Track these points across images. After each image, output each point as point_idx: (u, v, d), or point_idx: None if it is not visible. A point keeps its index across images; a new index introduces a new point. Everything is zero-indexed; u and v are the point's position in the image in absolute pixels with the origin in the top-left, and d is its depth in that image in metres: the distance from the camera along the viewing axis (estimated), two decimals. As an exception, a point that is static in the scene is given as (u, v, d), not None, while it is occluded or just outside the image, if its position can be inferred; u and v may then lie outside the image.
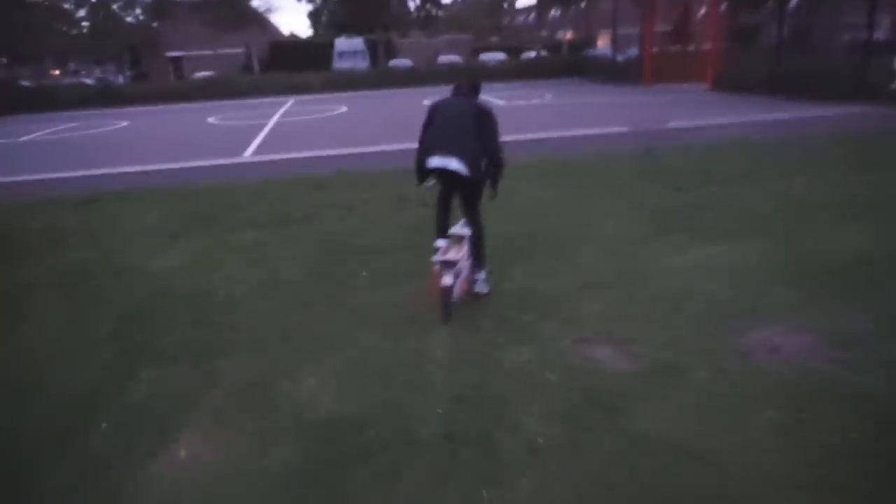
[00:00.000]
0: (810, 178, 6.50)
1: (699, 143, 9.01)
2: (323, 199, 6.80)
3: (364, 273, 4.55)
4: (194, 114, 19.74)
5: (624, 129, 11.02)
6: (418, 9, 44.85)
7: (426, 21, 48.66)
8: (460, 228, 3.93)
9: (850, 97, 12.58)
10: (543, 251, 4.80)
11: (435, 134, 3.69)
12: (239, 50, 38.30)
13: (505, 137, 3.88)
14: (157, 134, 15.32)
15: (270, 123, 15.27)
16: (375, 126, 14.11)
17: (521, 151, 8.55)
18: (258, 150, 11.04)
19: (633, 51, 28.26)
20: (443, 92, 4.19)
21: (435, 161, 3.60)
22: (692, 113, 12.78)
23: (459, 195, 3.82)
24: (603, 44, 43.20)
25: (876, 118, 10.83)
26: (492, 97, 19.67)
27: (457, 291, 3.71)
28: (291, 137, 12.73)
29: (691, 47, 23.69)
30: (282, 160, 9.79)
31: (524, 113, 15.27)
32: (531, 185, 6.78)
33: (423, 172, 3.74)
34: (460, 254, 3.74)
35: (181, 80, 35.13)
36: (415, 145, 3.77)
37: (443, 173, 3.66)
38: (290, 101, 23.04)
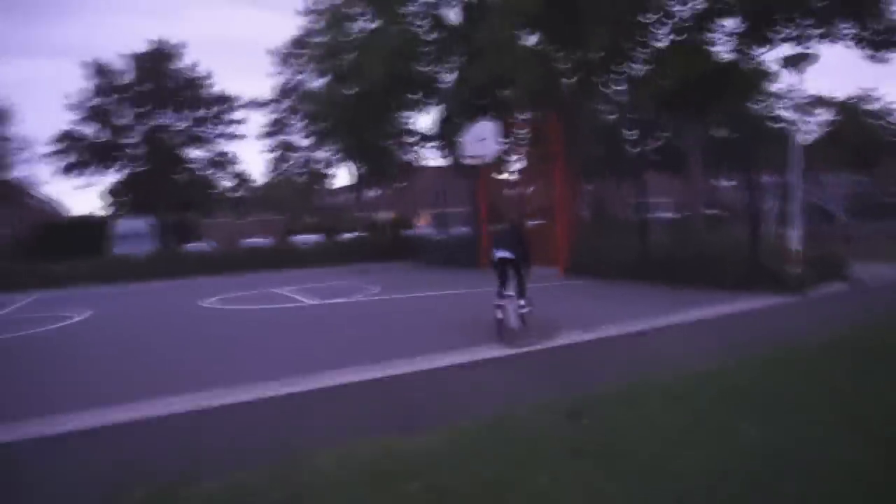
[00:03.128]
0: None
1: (643, 385, 4.88)
2: None
3: None
4: None
5: (503, 352, 7.06)
6: (224, 190, 41.74)
7: (234, 201, 45.45)
8: (508, 292, 7.73)
9: (744, 284, 10.25)
10: None
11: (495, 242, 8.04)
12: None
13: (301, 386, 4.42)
14: None
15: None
16: (104, 354, 8.45)
17: (326, 426, 3.95)
18: None
19: (462, 229, 26.46)
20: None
21: (497, 254, 7.80)
22: (578, 312, 9.40)
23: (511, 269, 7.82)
24: (423, 223, 42.40)
25: (812, 313, 8.34)
26: (296, 291, 15.23)
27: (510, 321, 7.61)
28: None
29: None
30: None
31: (342, 319, 10.82)
32: None
33: (492, 261, 7.88)
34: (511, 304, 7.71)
35: None
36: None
37: (501, 260, 7.78)
38: (24, 301, 16.64)
